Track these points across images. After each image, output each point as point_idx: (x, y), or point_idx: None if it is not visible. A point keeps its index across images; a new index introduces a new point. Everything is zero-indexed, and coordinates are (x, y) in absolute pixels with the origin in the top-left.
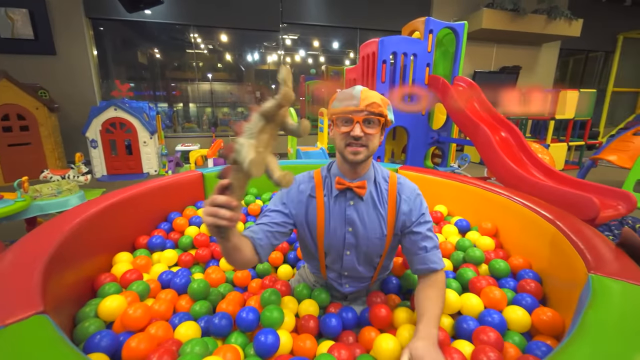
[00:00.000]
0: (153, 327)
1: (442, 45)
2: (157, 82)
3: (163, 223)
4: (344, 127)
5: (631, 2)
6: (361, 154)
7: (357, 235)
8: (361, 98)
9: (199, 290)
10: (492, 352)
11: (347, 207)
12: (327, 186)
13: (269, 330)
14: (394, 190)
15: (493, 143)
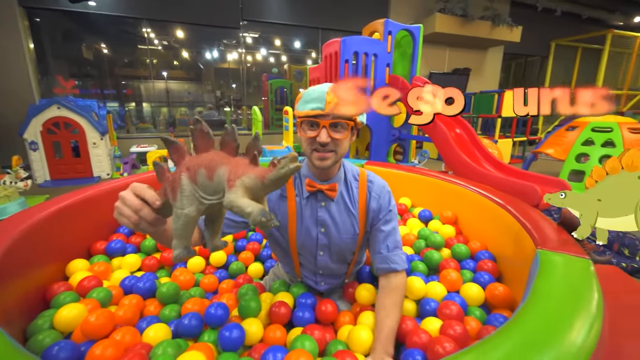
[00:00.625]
0: (118, 333)
1: (400, 46)
2: (105, 80)
3: (122, 227)
4: (309, 132)
5: (561, 12)
6: (328, 160)
7: (329, 236)
8: (327, 100)
9: (169, 294)
10: (458, 326)
11: (318, 208)
12: (298, 186)
13: (233, 325)
14: (364, 188)
15: (449, 139)
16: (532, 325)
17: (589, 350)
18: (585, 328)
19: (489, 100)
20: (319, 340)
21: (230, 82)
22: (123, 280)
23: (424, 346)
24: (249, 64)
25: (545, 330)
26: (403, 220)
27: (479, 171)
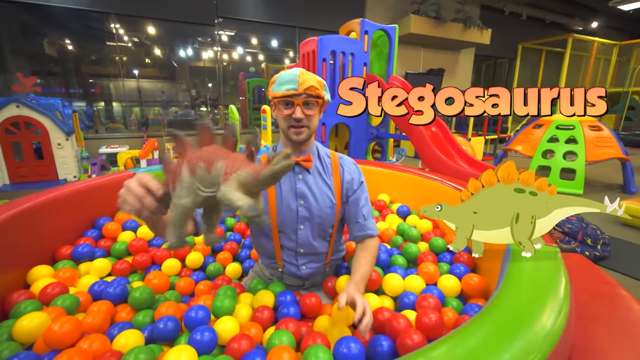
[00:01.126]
0: (85, 341)
1: (376, 46)
2: (71, 78)
3: (90, 230)
4: (285, 110)
5: (526, 16)
6: (303, 134)
7: (309, 207)
8: (299, 82)
9: (142, 299)
10: (433, 314)
11: (297, 181)
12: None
13: (205, 327)
14: (336, 162)
15: (425, 137)
16: (504, 312)
17: (558, 333)
18: (555, 312)
19: None
20: (295, 333)
21: (206, 81)
22: (92, 286)
23: (397, 334)
24: (226, 63)
25: (517, 316)
26: (382, 216)
27: (454, 167)
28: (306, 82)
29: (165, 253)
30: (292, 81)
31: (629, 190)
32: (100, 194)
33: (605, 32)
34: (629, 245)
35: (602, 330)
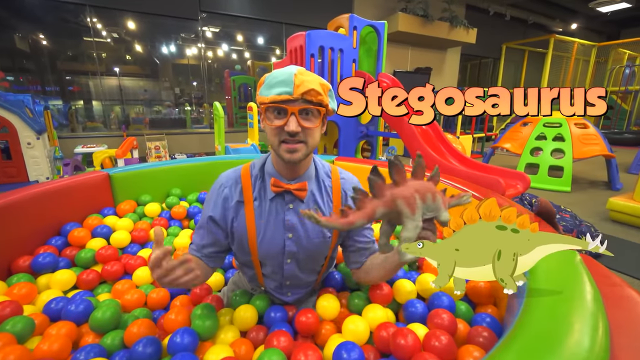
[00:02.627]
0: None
1: (365, 43)
2: (46, 75)
3: (55, 238)
4: (276, 120)
5: (510, 17)
6: (299, 153)
7: (298, 241)
8: (295, 84)
9: (105, 320)
10: (443, 336)
11: (286, 211)
12: (260, 187)
13: (184, 355)
14: (338, 186)
15: (416, 135)
16: (537, 332)
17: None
18: (595, 328)
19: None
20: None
21: (190, 78)
22: (48, 304)
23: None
24: (210, 60)
25: (552, 335)
26: None
27: (446, 165)
28: (304, 85)
29: (140, 261)
30: (285, 82)
31: (614, 186)
32: (68, 196)
33: (584, 33)
34: (620, 242)
35: (625, 343)
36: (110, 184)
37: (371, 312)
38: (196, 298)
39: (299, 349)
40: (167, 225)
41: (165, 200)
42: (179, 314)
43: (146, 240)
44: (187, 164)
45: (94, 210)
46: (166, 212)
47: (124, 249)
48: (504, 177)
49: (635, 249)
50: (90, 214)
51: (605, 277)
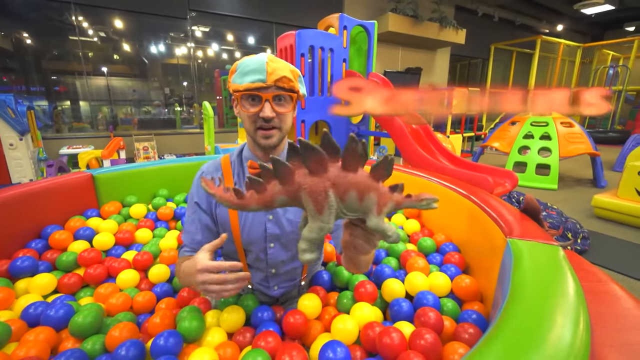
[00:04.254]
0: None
1: (355, 42)
2: (30, 75)
3: (35, 241)
4: (251, 107)
5: (498, 18)
6: (274, 137)
7: (279, 222)
8: (268, 71)
9: (86, 324)
10: (428, 334)
11: None
12: (239, 172)
13: (168, 358)
14: None
15: (406, 133)
16: (520, 326)
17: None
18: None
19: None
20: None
21: (180, 78)
22: (26, 309)
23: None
24: (200, 60)
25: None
26: None
27: (435, 164)
28: (276, 72)
29: (124, 264)
30: (258, 70)
31: (599, 184)
32: (49, 198)
33: (569, 35)
34: (606, 238)
35: (607, 336)
36: (94, 185)
37: (359, 311)
38: (182, 301)
39: (284, 349)
40: (154, 227)
41: (151, 202)
42: (164, 318)
43: (131, 242)
44: (174, 164)
45: (76, 212)
46: (152, 214)
47: (108, 251)
48: (492, 176)
49: (619, 245)
50: (72, 216)
51: (589, 273)
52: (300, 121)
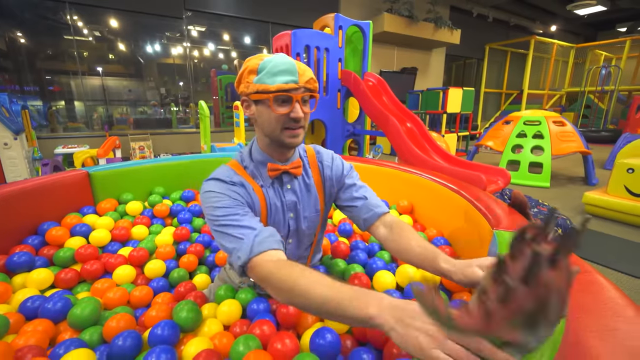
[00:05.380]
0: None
1: (351, 42)
2: (24, 74)
3: (32, 237)
4: (280, 108)
5: (492, 18)
6: (300, 137)
7: (297, 219)
8: (299, 72)
9: (84, 316)
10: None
11: (285, 192)
12: (257, 177)
13: (163, 347)
14: (314, 160)
15: (401, 132)
16: None
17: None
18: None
19: (435, 97)
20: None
21: (176, 78)
22: (24, 303)
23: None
24: (196, 60)
25: None
26: None
27: (430, 162)
28: (306, 74)
29: (120, 260)
30: (290, 71)
31: (590, 182)
32: (45, 195)
33: (563, 35)
34: (595, 234)
35: (590, 323)
36: (90, 182)
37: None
38: (179, 295)
39: (277, 336)
40: (150, 224)
41: (147, 199)
42: (160, 310)
43: (127, 238)
44: (170, 162)
45: (72, 210)
46: (148, 211)
47: (104, 247)
48: (485, 174)
49: (607, 240)
50: (69, 213)
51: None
52: None
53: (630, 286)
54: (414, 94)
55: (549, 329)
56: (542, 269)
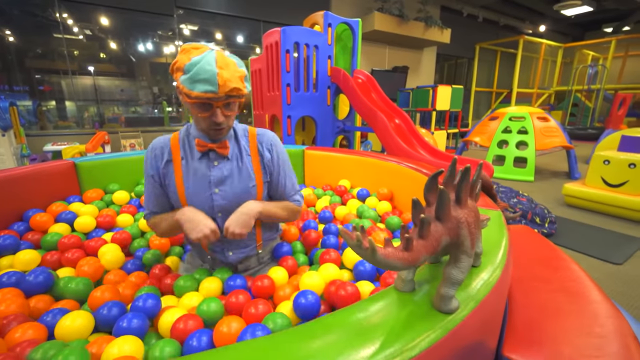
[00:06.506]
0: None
1: (341, 40)
2: (13, 73)
3: (17, 223)
4: (200, 112)
5: (482, 18)
6: (224, 131)
7: (226, 195)
8: (219, 83)
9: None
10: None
11: (212, 168)
12: (187, 148)
13: (149, 294)
14: (254, 141)
15: (389, 128)
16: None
17: (493, 282)
18: (492, 265)
19: (425, 95)
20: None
21: (168, 77)
22: (1, 278)
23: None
24: None
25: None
26: (343, 200)
27: (416, 156)
28: (227, 84)
29: (101, 243)
30: (209, 81)
31: (573, 176)
32: (30, 184)
33: (551, 35)
34: (573, 223)
35: (542, 288)
36: (76, 172)
37: (325, 270)
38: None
39: (251, 302)
40: (136, 212)
41: (134, 190)
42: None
43: (112, 225)
44: None
45: (59, 198)
46: (135, 200)
47: (89, 234)
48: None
49: (583, 229)
50: (55, 201)
51: (541, 243)
52: (287, 117)
53: (602, 270)
54: (405, 92)
55: (468, 260)
56: (449, 205)
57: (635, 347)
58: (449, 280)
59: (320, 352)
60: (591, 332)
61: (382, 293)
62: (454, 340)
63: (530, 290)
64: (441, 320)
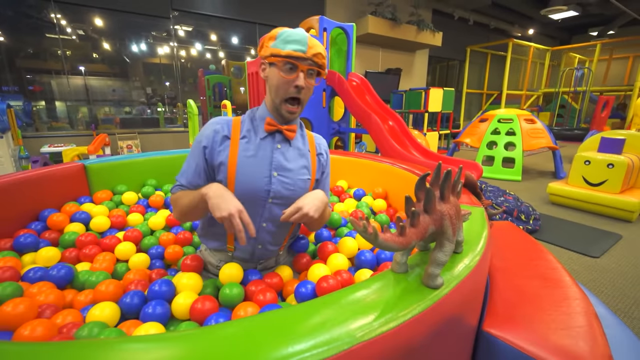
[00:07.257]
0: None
1: (336, 44)
2: (3, 73)
3: (34, 223)
4: (286, 74)
5: (473, 22)
6: (296, 114)
7: (283, 181)
8: (309, 45)
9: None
10: (332, 279)
11: (274, 150)
12: (249, 128)
13: (164, 280)
14: (312, 141)
15: (383, 130)
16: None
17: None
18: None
19: (417, 97)
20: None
21: (162, 78)
22: (26, 274)
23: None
24: (184, 60)
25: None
26: (341, 200)
27: (409, 158)
28: (314, 47)
29: (115, 240)
30: (300, 42)
31: (559, 175)
32: (44, 185)
33: (539, 38)
34: (556, 220)
35: (521, 274)
36: (85, 174)
37: (334, 260)
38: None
39: (260, 291)
40: (144, 212)
41: (141, 190)
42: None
43: (124, 225)
44: (162, 156)
45: (71, 199)
46: (143, 201)
47: (103, 233)
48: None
49: (565, 225)
50: (67, 202)
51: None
52: None
53: (580, 262)
54: (398, 93)
55: (450, 246)
56: (434, 201)
57: (596, 323)
58: (435, 262)
59: (331, 319)
60: (560, 311)
61: (381, 275)
62: (440, 310)
63: (511, 276)
64: (429, 294)
